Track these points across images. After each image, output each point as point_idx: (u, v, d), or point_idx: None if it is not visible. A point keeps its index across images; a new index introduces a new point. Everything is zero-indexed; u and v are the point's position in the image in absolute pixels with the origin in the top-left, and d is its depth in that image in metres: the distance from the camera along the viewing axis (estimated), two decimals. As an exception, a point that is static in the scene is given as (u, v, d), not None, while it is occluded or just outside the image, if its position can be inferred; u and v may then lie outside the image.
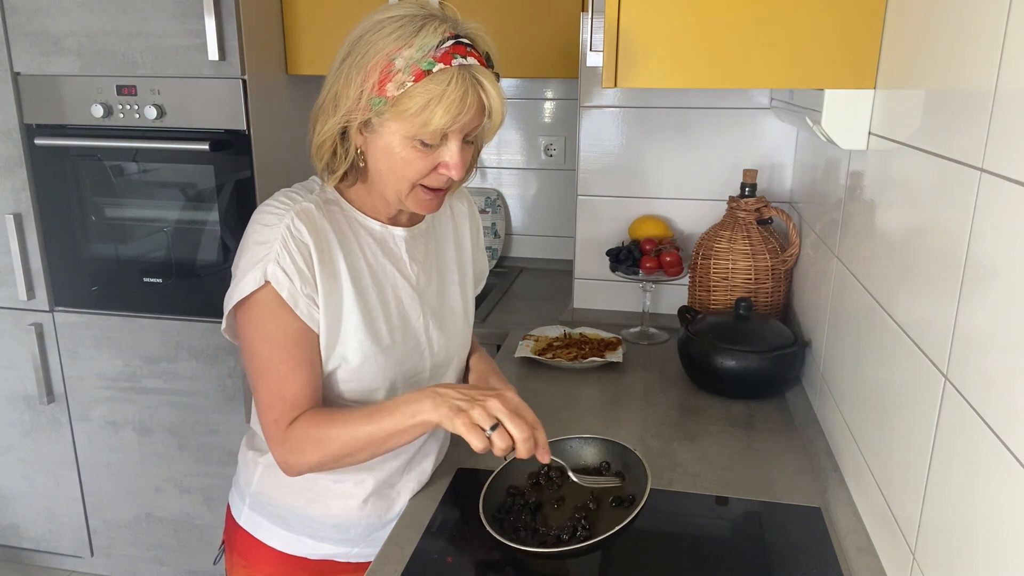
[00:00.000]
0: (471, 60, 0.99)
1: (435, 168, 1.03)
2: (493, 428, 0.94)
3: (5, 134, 2.12)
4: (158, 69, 2.02)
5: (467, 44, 0.99)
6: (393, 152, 1.02)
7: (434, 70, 0.96)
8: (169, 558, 2.44)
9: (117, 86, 2.05)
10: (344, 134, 1.04)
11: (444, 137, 1.01)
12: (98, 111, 2.05)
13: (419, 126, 0.98)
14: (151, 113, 2.03)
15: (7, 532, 2.53)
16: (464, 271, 1.26)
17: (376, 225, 1.13)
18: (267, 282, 1.00)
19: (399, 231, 1.14)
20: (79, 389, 2.31)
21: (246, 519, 1.19)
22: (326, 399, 1.10)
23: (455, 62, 0.97)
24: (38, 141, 2.11)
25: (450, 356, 1.23)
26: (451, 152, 1.02)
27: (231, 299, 1.04)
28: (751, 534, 1.12)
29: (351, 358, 1.08)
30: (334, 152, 1.05)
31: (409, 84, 0.96)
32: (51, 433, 2.37)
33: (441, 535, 1.11)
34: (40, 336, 2.26)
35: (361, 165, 1.06)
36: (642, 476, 1.06)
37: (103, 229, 2.21)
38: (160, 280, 2.18)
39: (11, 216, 2.16)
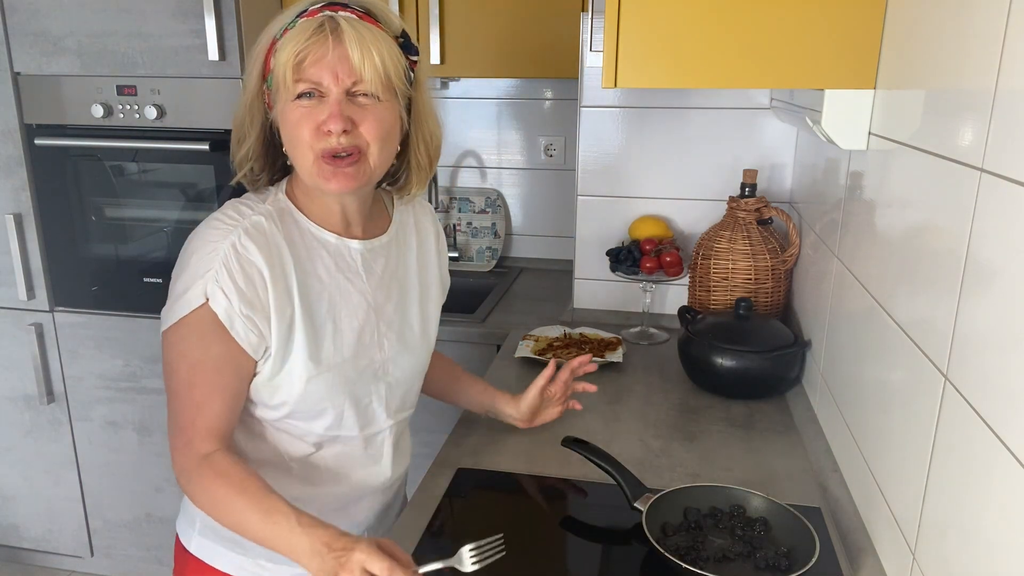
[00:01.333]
0: (344, 13, 0.97)
1: (320, 126, 0.97)
2: None
3: (5, 134, 2.12)
4: (158, 69, 2.02)
5: (345, 5, 0.98)
6: (285, 121, 0.99)
7: (297, 24, 0.97)
8: (169, 558, 2.43)
9: (117, 86, 2.05)
10: (268, 135, 1.05)
11: (322, 93, 0.97)
12: (98, 111, 2.05)
13: (281, 76, 0.96)
14: (151, 113, 2.03)
15: (7, 532, 2.53)
16: (426, 288, 1.21)
17: (331, 237, 1.08)
18: (205, 301, 0.96)
19: (355, 244, 1.10)
20: (79, 389, 2.31)
21: (196, 546, 1.14)
22: (275, 424, 1.07)
23: (319, 15, 0.97)
24: (38, 141, 2.11)
25: (407, 375, 1.17)
26: (327, 102, 0.96)
27: (169, 316, 0.99)
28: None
29: (295, 380, 1.03)
30: (259, 159, 1.07)
31: (278, 44, 0.97)
32: (51, 433, 2.37)
33: (441, 535, 1.11)
34: (40, 336, 2.26)
35: (288, 164, 1.05)
36: (809, 544, 1.00)
37: (103, 229, 2.21)
38: (160, 280, 2.18)
39: (11, 216, 2.16)
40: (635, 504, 1.09)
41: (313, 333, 1.04)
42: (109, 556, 2.49)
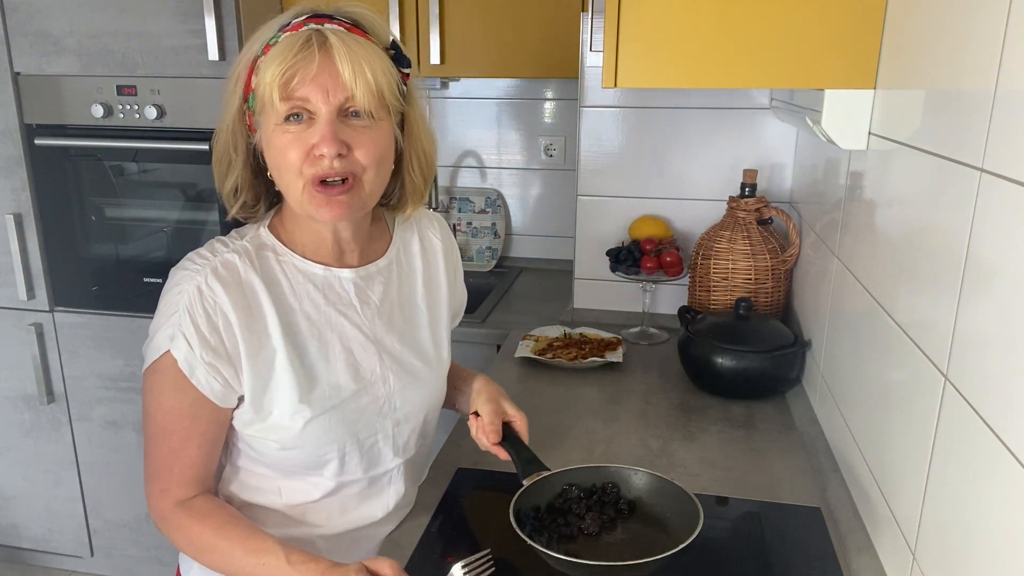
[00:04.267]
0: (331, 26, 0.90)
1: (311, 150, 0.91)
2: None
3: (5, 134, 2.12)
4: (158, 69, 2.02)
5: (331, 16, 0.92)
6: (271, 146, 0.92)
7: (280, 39, 0.90)
8: (169, 558, 2.44)
9: (117, 86, 2.05)
10: (254, 160, 0.98)
11: (311, 114, 0.90)
12: (98, 111, 2.05)
13: (268, 98, 0.89)
14: (151, 113, 2.03)
15: (7, 532, 2.53)
16: (436, 311, 1.14)
17: (318, 269, 1.01)
18: (168, 349, 0.93)
19: (345, 273, 1.03)
20: (79, 389, 2.31)
21: None
22: (271, 466, 1.03)
23: (304, 28, 0.90)
24: (38, 141, 2.11)
25: (417, 409, 1.10)
26: (318, 124, 0.90)
27: (146, 359, 0.97)
28: (751, 534, 1.12)
29: (288, 423, 0.98)
30: (251, 188, 0.99)
31: (261, 62, 0.90)
32: (51, 433, 2.37)
33: (441, 535, 1.11)
34: (40, 336, 2.26)
35: (276, 191, 0.98)
36: (692, 519, 0.98)
37: (103, 229, 2.21)
38: (160, 280, 2.16)
39: (11, 216, 2.16)
40: (523, 480, 1.06)
41: (304, 373, 0.98)
42: (109, 556, 2.49)
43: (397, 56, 0.97)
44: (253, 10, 1.98)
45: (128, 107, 2.06)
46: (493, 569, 0.97)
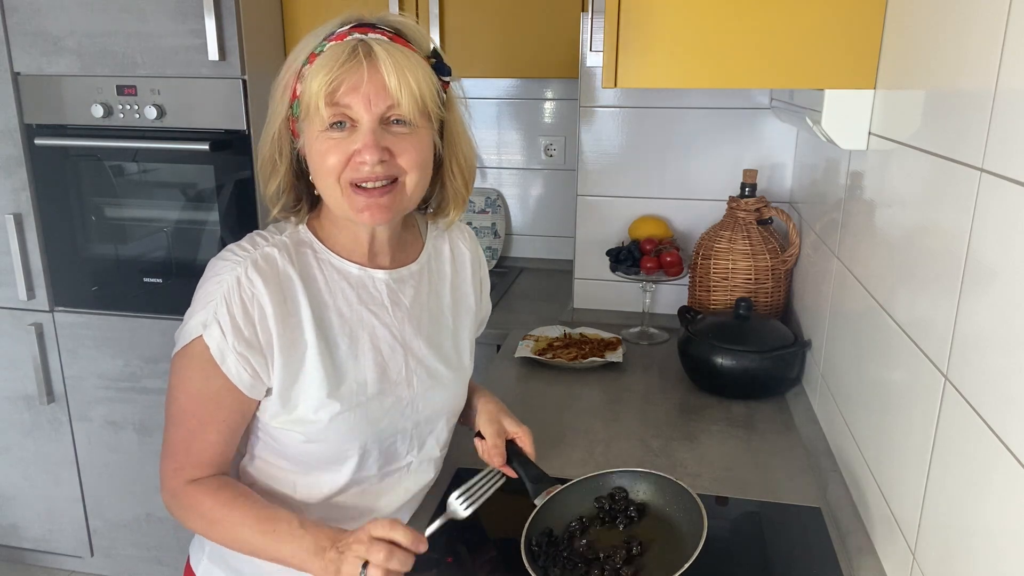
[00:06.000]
0: (374, 35, 0.93)
1: (352, 157, 0.93)
2: (364, 567, 0.87)
3: (5, 134, 2.12)
4: (158, 69, 2.02)
5: (374, 25, 0.95)
6: (313, 151, 0.95)
7: (325, 49, 0.92)
8: (169, 558, 2.44)
9: (117, 86, 2.05)
10: (297, 164, 1.00)
11: (354, 122, 0.93)
12: (98, 111, 2.05)
13: (313, 106, 0.91)
14: (151, 113, 2.03)
15: (7, 532, 2.53)
16: (461, 319, 1.16)
17: (353, 268, 1.04)
18: (201, 335, 0.95)
19: (380, 274, 1.05)
20: (79, 389, 2.31)
21: (203, 570, 1.11)
22: (291, 459, 1.04)
23: (349, 37, 0.93)
24: (38, 141, 2.11)
25: (437, 412, 1.11)
26: (360, 132, 0.92)
27: (177, 343, 0.99)
28: (751, 534, 1.12)
29: (314, 417, 0.99)
30: (293, 190, 1.02)
31: (307, 71, 0.93)
32: (51, 433, 2.37)
33: (441, 535, 1.11)
34: (40, 336, 2.26)
35: (316, 194, 1.01)
36: (697, 520, 0.96)
37: (103, 229, 2.21)
38: (160, 280, 2.17)
39: (11, 216, 2.16)
40: (535, 500, 1.05)
41: (333, 369, 1.00)
42: (109, 556, 2.49)
43: (438, 64, 0.99)
44: (253, 10, 1.98)
45: (128, 107, 2.06)
46: (501, 482, 0.99)
